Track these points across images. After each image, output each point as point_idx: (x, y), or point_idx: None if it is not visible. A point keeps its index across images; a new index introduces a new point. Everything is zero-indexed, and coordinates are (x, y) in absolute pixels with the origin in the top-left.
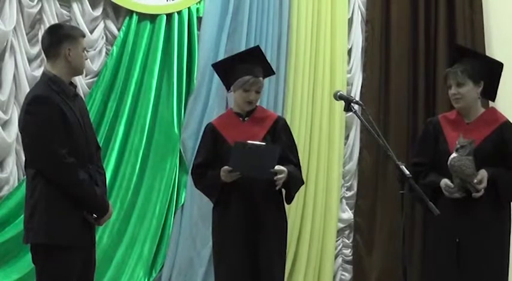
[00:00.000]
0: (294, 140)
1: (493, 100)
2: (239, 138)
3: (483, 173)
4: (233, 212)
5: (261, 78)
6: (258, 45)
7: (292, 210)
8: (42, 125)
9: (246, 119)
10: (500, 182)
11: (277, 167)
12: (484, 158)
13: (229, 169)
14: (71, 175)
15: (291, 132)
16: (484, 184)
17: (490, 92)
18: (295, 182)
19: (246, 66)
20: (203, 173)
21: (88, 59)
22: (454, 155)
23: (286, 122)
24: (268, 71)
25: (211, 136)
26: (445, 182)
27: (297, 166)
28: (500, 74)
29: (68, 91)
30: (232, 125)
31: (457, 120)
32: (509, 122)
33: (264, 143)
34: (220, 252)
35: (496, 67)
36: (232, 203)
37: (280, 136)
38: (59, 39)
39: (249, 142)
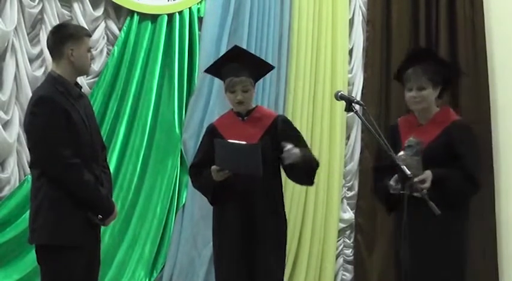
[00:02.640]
0: (299, 131)
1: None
2: (237, 138)
3: (427, 174)
4: (230, 214)
5: (243, 78)
6: (235, 45)
7: (293, 210)
8: (47, 126)
9: (245, 118)
10: (447, 184)
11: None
12: (433, 159)
13: (217, 168)
14: (76, 176)
15: (293, 124)
16: (427, 184)
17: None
18: (305, 161)
19: (228, 68)
20: (198, 173)
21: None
22: (400, 153)
23: (286, 118)
24: (257, 69)
25: (210, 137)
26: (393, 179)
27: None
28: (456, 80)
29: (72, 91)
30: (231, 125)
31: (412, 122)
32: (458, 121)
33: (244, 142)
34: (218, 255)
35: (455, 74)
36: (228, 205)
37: (284, 132)
38: (62, 39)
39: (229, 140)
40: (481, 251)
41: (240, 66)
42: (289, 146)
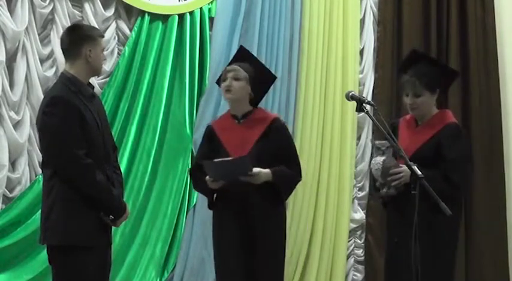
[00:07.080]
0: (290, 139)
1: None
2: (233, 141)
3: (404, 168)
4: (228, 214)
5: (236, 66)
6: (241, 45)
7: (304, 210)
8: (60, 126)
9: (241, 121)
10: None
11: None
12: (423, 161)
13: (211, 179)
14: (89, 176)
15: (286, 131)
16: (402, 176)
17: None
18: (282, 180)
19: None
20: (198, 176)
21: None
22: (382, 158)
23: (282, 123)
24: (256, 70)
25: (208, 138)
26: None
27: (291, 164)
28: (453, 82)
29: (85, 92)
30: (227, 128)
31: (410, 122)
32: (452, 123)
33: (231, 158)
34: (217, 255)
35: (452, 76)
36: (227, 205)
37: (274, 136)
38: (80, 40)
39: (215, 160)
40: (492, 261)
41: (240, 62)
42: (255, 170)
